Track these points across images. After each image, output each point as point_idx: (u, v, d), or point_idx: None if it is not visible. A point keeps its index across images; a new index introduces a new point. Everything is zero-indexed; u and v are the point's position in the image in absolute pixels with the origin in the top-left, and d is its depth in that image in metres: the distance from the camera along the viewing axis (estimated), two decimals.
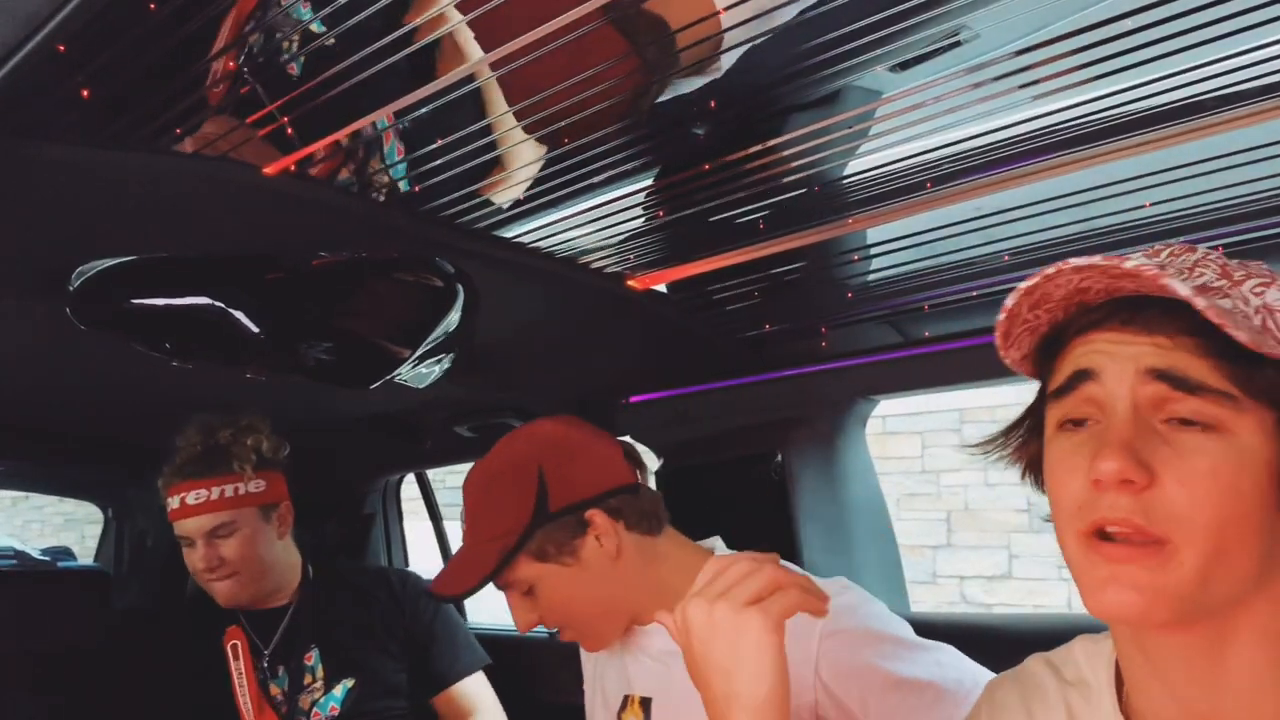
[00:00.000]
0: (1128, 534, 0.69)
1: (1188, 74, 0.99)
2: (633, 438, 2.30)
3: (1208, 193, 1.20)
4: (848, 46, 1.03)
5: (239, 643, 1.89)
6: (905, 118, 1.13)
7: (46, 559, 3.23)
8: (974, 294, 1.55)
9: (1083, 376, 0.74)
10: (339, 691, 1.90)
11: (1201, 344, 0.69)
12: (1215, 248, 1.30)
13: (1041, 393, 0.81)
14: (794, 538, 1.97)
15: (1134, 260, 0.70)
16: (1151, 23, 0.92)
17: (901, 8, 0.96)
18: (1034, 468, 0.84)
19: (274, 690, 1.90)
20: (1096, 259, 0.71)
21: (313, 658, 1.93)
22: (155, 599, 3.07)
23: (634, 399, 2.20)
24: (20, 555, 3.11)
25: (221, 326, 1.75)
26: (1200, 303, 0.66)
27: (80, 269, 1.38)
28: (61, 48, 0.88)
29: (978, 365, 1.71)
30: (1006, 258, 1.42)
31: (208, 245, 1.37)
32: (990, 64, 1.03)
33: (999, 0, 0.98)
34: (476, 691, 2.03)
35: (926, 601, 5.77)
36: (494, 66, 1.02)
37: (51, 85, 0.96)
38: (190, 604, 2.19)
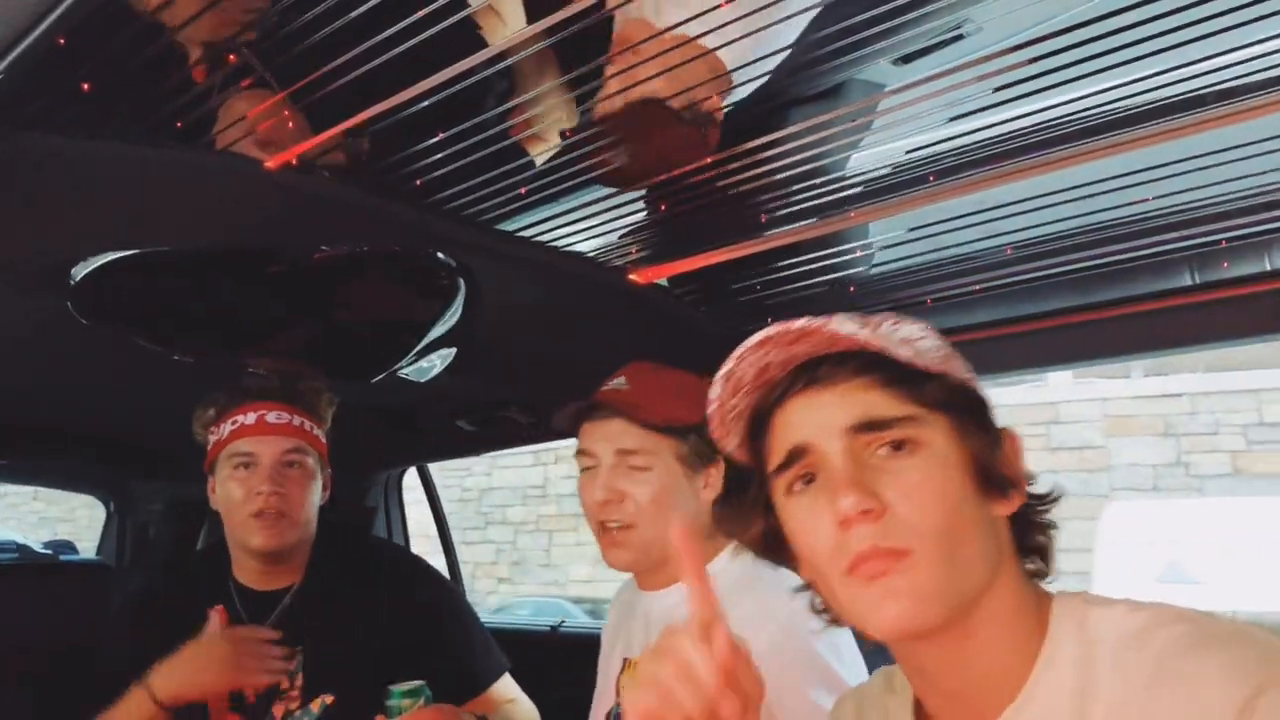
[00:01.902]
0: (875, 555, 0.81)
1: (1190, 68, 0.99)
2: None
3: (1209, 187, 1.20)
4: (850, 40, 1.03)
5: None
6: (907, 111, 1.13)
7: (48, 552, 3.24)
8: (976, 288, 1.55)
9: (798, 453, 0.86)
10: (316, 708, 1.74)
11: (874, 380, 0.84)
12: (1218, 241, 1.31)
13: (759, 473, 0.93)
14: None
15: (799, 321, 0.83)
16: (1154, 16, 0.91)
17: (904, 0, 0.96)
18: (768, 543, 0.95)
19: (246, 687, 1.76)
20: (768, 330, 0.84)
21: (296, 661, 1.76)
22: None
23: None
24: (22, 549, 3.11)
25: (223, 320, 1.75)
26: (863, 335, 0.81)
27: (82, 263, 1.38)
28: (61, 41, 0.88)
29: (981, 359, 1.70)
30: (1009, 251, 1.42)
31: (210, 238, 1.37)
32: (993, 58, 1.02)
33: None
34: (506, 687, 1.91)
35: None
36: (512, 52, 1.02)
37: (52, 78, 0.96)
38: (181, 581, 1.99)
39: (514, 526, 10.65)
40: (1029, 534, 0.88)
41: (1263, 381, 5.76)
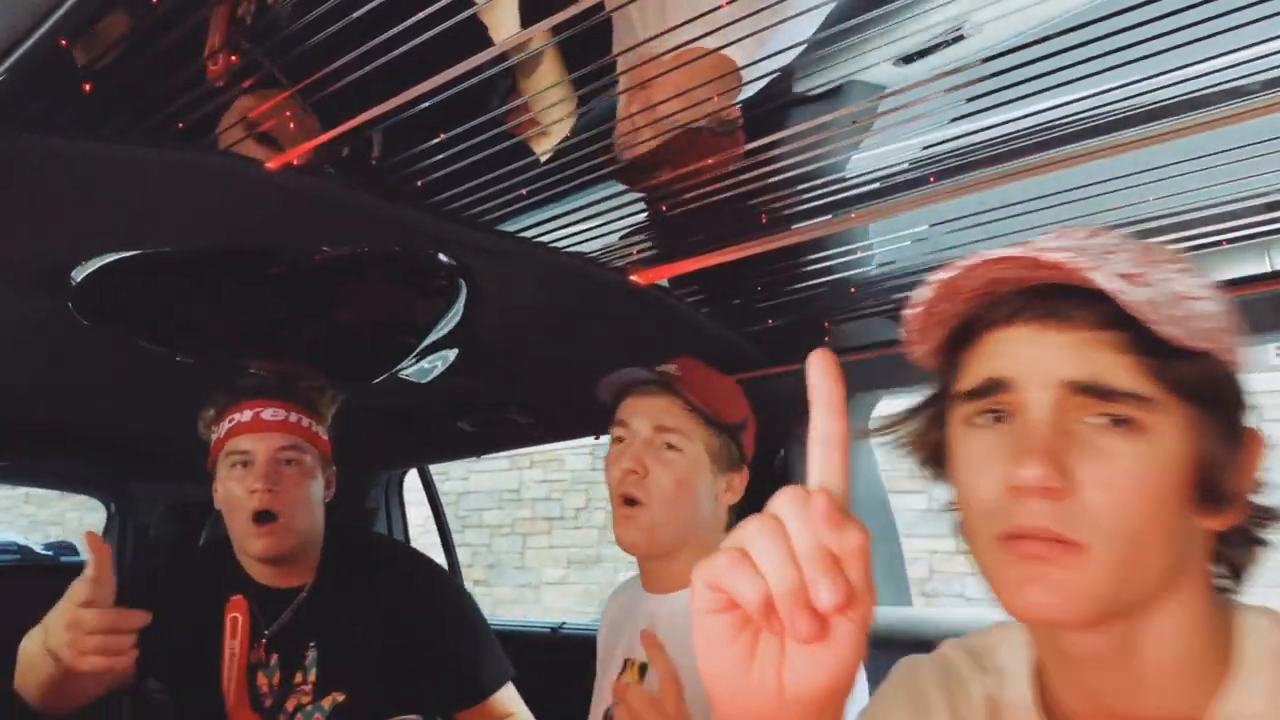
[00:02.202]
0: (1043, 536, 0.67)
1: (1193, 68, 0.99)
2: None
3: (1210, 188, 1.20)
4: (851, 40, 1.03)
5: (239, 617, 1.76)
6: (908, 112, 1.13)
7: (49, 554, 3.24)
8: None
9: (996, 386, 0.72)
10: (327, 705, 1.74)
11: (1120, 339, 0.68)
12: (1219, 242, 1.31)
13: (943, 385, 0.79)
14: None
15: (1054, 251, 0.67)
16: (1156, 16, 0.91)
17: (904, 1, 0.96)
18: (932, 457, 0.81)
19: (260, 679, 1.76)
20: (1014, 249, 0.68)
21: (310, 657, 1.76)
22: None
23: None
24: (23, 550, 3.12)
25: (224, 321, 1.75)
26: (1129, 295, 0.64)
27: (82, 264, 1.38)
28: (63, 42, 0.88)
29: None
30: None
31: (210, 239, 1.37)
32: (993, 58, 1.02)
33: None
34: (509, 698, 1.88)
35: None
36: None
37: (53, 80, 0.96)
38: (193, 567, 1.95)
39: (490, 530, 10.75)
40: (1235, 548, 0.75)
41: None
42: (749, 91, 1.19)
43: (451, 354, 1.88)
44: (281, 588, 1.81)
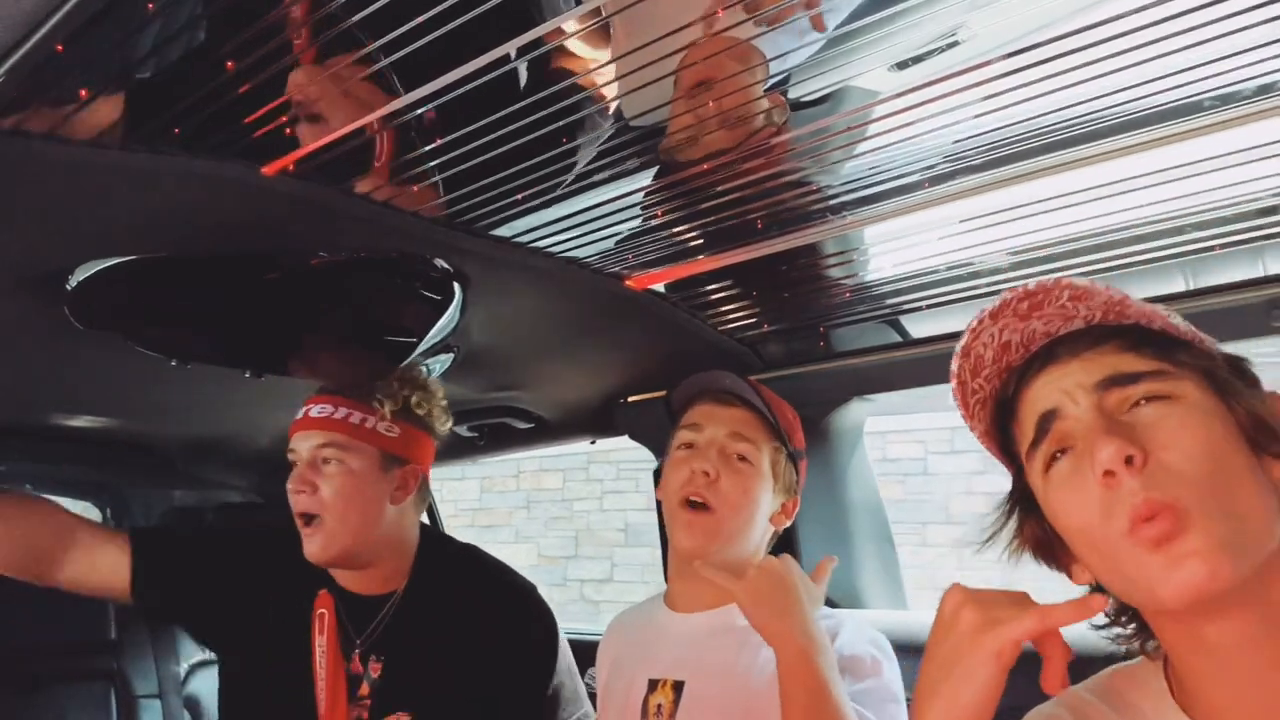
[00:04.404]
0: (1152, 512, 0.75)
1: (1185, 74, 0.99)
2: (631, 436, 2.31)
3: (1204, 193, 1.20)
4: (846, 46, 1.04)
5: (326, 613, 1.65)
6: (903, 118, 1.13)
7: None
8: (972, 293, 1.55)
9: (1049, 418, 0.84)
10: None
11: (1119, 344, 0.83)
12: (1212, 247, 1.31)
13: (1017, 473, 0.91)
14: (792, 537, 1.97)
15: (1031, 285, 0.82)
16: (1150, 23, 0.92)
17: (900, 8, 0.96)
18: (1040, 540, 0.91)
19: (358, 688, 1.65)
20: (1004, 299, 0.83)
21: (379, 670, 1.65)
22: None
23: (632, 398, 2.20)
24: None
25: (220, 327, 1.75)
26: (1154, 310, 0.81)
27: (79, 269, 1.38)
28: (60, 48, 0.88)
29: None
30: (1005, 257, 1.43)
31: (206, 245, 1.37)
32: (988, 64, 1.03)
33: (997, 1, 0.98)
34: None
35: (556, 599, 6.74)
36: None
37: (50, 85, 0.96)
38: (281, 545, 1.72)
39: None
40: None
41: (887, 425, 6.88)
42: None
43: (447, 359, 1.88)
44: (366, 594, 1.71)
